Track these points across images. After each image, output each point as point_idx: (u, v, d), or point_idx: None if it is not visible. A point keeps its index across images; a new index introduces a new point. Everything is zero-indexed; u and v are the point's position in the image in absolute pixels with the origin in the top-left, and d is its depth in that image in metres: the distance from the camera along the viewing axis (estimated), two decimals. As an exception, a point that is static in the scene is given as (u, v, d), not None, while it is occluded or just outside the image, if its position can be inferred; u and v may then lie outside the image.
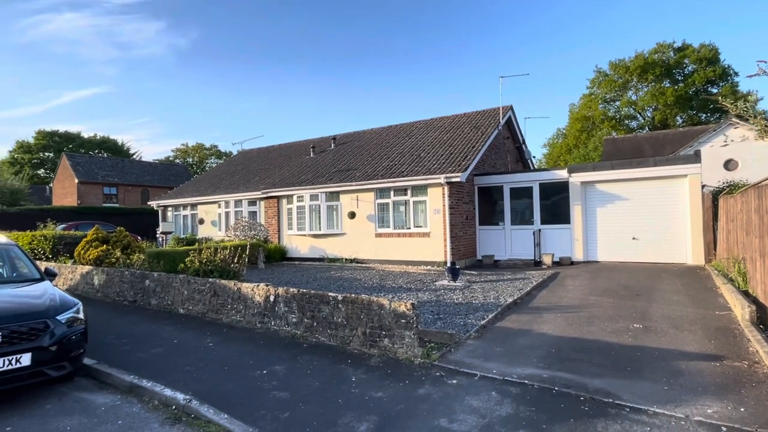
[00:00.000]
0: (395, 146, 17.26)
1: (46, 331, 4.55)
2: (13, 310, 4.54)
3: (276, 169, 19.75)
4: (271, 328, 6.65)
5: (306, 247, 16.41)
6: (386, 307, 5.50)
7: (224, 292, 7.36)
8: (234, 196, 18.57)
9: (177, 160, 72.00)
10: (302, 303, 6.32)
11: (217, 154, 75.94)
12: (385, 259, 14.53)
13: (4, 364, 4.17)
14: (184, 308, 7.97)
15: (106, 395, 4.75)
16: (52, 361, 4.53)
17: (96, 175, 38.47)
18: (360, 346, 5.70)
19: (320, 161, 18.68)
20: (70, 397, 4.70)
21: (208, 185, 21.42)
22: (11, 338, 4.27)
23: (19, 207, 27.04)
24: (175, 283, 8.13)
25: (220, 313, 7.38)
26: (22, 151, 61.58)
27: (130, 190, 39.85)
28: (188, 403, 4.28)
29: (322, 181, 16.06)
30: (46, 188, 47.89)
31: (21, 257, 5.97)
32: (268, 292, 6.73)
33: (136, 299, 8.91)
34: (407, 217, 14.36)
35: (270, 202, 17.48)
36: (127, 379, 4.91)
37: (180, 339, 6.50)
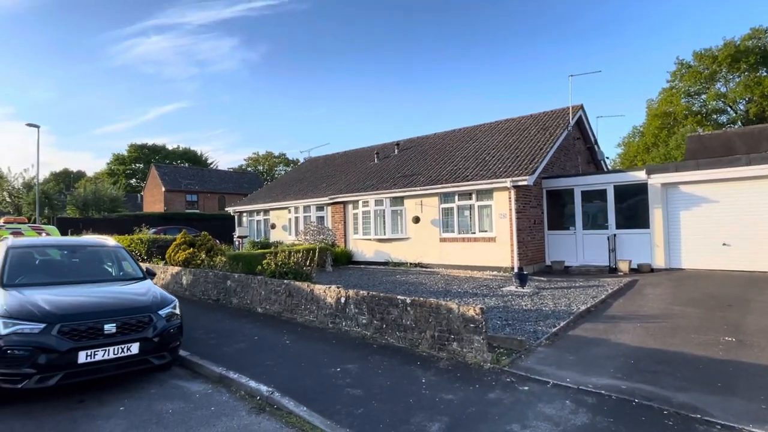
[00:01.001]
0: (459, 150, 17.18)
1: (150, 324, 5.12)
2: (124, 304, 5.18)
3: (342, 176, 20.41)
4: (342, 328, 6.94)
5: (371, 251, 16.79)
6: (455, 311, 5.56)
7: (298, 293, 7.79)
8: (303, 201, 19.44)
9: (249, 168, 76.40)
10: (371, 305, 6.54)
11: (285, 162, 79.57)
12: (449, 264, 14.49)
13: (118, 352, 4.77)
14: (261, 307, 8.53)
15: (199, 384, 5.25)
16: (154, 350, 5.09)
17: (180, 184, 41.94)
18: (428, 349, 5.80)
19: (384, 167, 19.04)
20: (169, 384, 5.25)
21: (279, 192, 22.59)
22: (123, 329, 4.87)
23: (117, 213, 30.20)
24: (254, 283, 8.73)
25: (295, 313, 7.82)
26: (118, 163, 68.54)
27: (208, 197, 42.99)
28: (271, 395, 4.62)
29: (386, 187, 16.37)
30: (137, 196, 52.90)
31: (127, 258, 6.75)
32: (339, 294, 7.04)
33: (219, 298, 9.67)
34: (472, 221, 14.23)
35: (336, 207, 18.10)
36: (216, 371, 5.39)
37: (260, 336, 6.98)
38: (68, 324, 4.57)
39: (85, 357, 4.56)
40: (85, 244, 6.91)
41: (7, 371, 4.29)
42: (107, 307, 5.03)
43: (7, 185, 31.33)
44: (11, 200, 30.88)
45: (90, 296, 5.25)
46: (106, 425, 4.15)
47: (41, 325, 4.48)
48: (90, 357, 4.59)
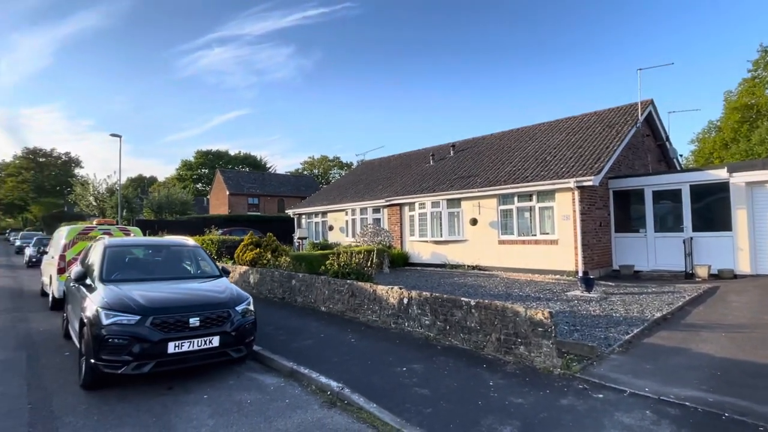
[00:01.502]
0: (517, 150, 16.77)
1: (228, 319, 5.47)
2: (205, 300, 5.56)
3: (397, 178, 20.57)
4: (405, 328, 7.02)
5: (428, 253, 16.78)
6: (521, 315, 5.46)
7: (361, 293, 7.97)
8: (359, 204, 19.80)
9: (305, 171, 78.86)
10: (435, 306, 6.57)
11: (339, 165, 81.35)
12: (508, 267, 14.18)
13: (202, 344, 5.14)
14: (325, 306, 8.81)
15: (272, 377, 5.53)
16: (232, 344, 5.43)
17: (242, 188, 44.13)
18: (494, 352, 5.73)
19: (440, 168, 18.97)
20: (245, 376, 5.58)
21: (336, 194, 23.15)
22: (205, 323, 5.24)
23: (187, 215, 32.32)
24: (318, 283, 9.04)
25: (357, 312, 8.01)
26: (186, 169, 73.21)
27: (268, 200, 44.86)
28: (341, 390, 4.78)
29: (442, 189, 16.31)
30: (204, 200, 56.22)
31: (204, 257, 7.24)
32: (401, 294, 7.13)
33: (284, 296, 10.09)
34: (532, 223, 13.84)
35: (392, 209, 18.26)
36: (287, 365, 5.65)
37: (325, 333, 7.22)
38: (159, 317, 4.99)
39: (174, 347, 4.96)
40: (168, 244, 7.49)
41: (109, 358, 4.76)
42: (191, 302, 5.43)
43: (94, 190, 34.55)
44: (96, 204, 34.02)
45: (176, 292, 5.69)
46: (193, 411, 4.48)
47: (137, 317, 4.93)
48: (177, 348, 4.98)
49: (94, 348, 4.80)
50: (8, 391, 5.02)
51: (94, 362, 4.80)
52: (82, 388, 5.05)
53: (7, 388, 5.15)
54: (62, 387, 5.16)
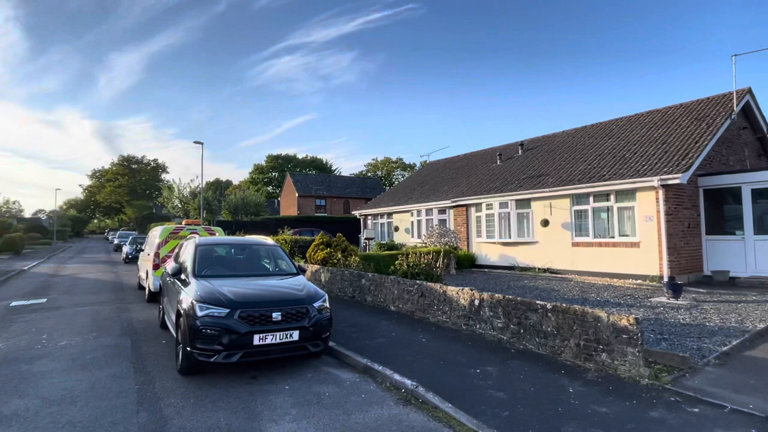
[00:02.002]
0: (592, 148, 15.91)
1: (307, 314, 5.74)
2: (286, 296, 5.88)
3: (463, 178, 20.31)
4: (477, 330, 6.95)
5: (495, 254, 16.41)
6: (603, 320, 5.20)
7: (430, 293, 8.00)
8: (425, 205, 19.80)
9: (368, 173, 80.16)
10: (508, 309, 6.44)
11: (402, 166, 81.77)
12: (583, 270, 13.49)
13: (283, 337, 5.45)
14: (394, 306, 8.94)
15: (347, 373, 5.72)
16: (310, 339, 5.69)
17: (310, 189, 45.84)
18: (573, 358, 5.51)
19: (508, 168, 18.47)
20: (321, 370, 5.82)
21: (401, 195, 23.34)
22: (286, 318, 5.54)
23: (260, 217, 34.17)
24: (387, 283, 9.19)
25: (427, 313, 8.04)
26: (258, 172, 77.31)
27: (335, 201, 46.19)
28: (415, 388, 4.85)
29: (511, 189, 15.87)
30: (274, 201, 59.07)
31: (282, 256, 7.65)
32: (472, 296, 7.06)
33: (354, 295, 10.37)
34: (610, 224, 13.05)
35: (459, 210, 18.07)
36: (362, 362, 5.81)
37: (396, 332, 7.34)
38: (246, 310, 5.36)
39: (258, 339, 5.30)
40: (249, 243, 8.00)
41: (203, 347, 5.19)
42: (273, 298, 5.77)
43: (179, 193, 37.65)
44: (181, 206, 37.04)
45: (259, 288, 6.06)
46: (277, 400, 4.77)
47: (226, 310, 5.33)
48: (262, 340, 5.32)
49: (189, 337, 5.26)
50: (119, 373, 5.64)
51: (189, 350, 5.26)
52: (179, 373, 5.55)
53: (118, 370, 5.78)
54: (162, 372, 5.70)
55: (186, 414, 4.37)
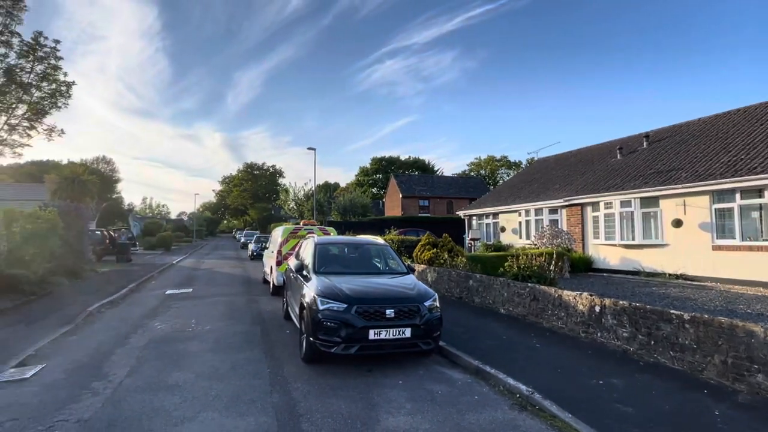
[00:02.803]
0: (737, 136, 13.75)
1: (418, 313, 5.87)
2: (398, 294, 6.10)
3: (577, 176, 18.95)
4: (597, 339, 6.47)
5: (616, 257, 15.03)
6: (758, 335, 4.51)
7: (544, 297, 7.64)
8: (534, 204, 18.88)
9: (471, 172, 78.69)
10: (635, 318, 5.89)
11: (506, 165, 78.84)
12: (726, 278, 11.73)
13: (396, 334, 5.65)
14: (504, 308, 8.70)
15: (458, 373, 5.73)
16: (422, 337, 5.81)
17: (413, 190, 46.46)
18: (718, 377, 4.86)
19: (630, 163, 16.79)
20: (432, 369, 5.91)
21: (507, 195, 22.54)
22: (399, 315, 5.74)
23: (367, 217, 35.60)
24: (496, 284, 8.98)
25: (540, 317, 7.69)
26: (363, 175, 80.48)
27: (437, 202, 46.21)
28: (531, 395, 4.69)
29: (634, 186, 14.40)
30: (379, 202, 60.99)
31: (393, 255, 7.92)
32: (592, 302, 6.59)
33: (461, 296, 10.32)
34: (765, 225, 11.16)
35: (572, 209, 16.90)
36: (473, 363, 5.78)
37: (507, 336, 7.15)
38: (362, 306, 5.67)
39: (373, 334, 5.57)
40: (362, 242, 8.42)
41: (324, 337, 5.61)
42: (386, 295, 6.02)
43: (294, 196, 40.95)
44: (297, 208, 40.21)
45: (373, 285, 6.36)
46: (391, 393, 4.97)
47: (344, 305, 5.69)
48: (376, 335, 5.58)
49: (312, 328, 5.72)
50: (253, 357, 6.35)
51: (312, 340, 5.72)
52: (303, 361, 6.06)
53: (252, 354, 6.51)
54: (288, 358, 6.28)
55: (311, 398, 4.78)
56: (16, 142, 10.63)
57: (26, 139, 10.76)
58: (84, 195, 20.31)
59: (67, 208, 14.68)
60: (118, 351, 6.59)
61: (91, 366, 5.87)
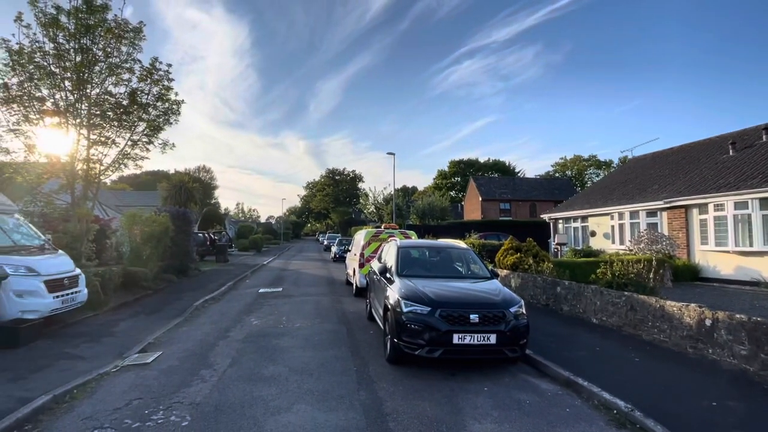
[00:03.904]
0: None
1: (503, 319, 5.73)
2: (482, 299, 6.01)
3: (680, 174, 17.20)
4: (708, 356, 5.83)
5: (729, 266, 13.39)
6: None
7: (643, 307, 7.05)
8: (628, 207, 17.46)
9: (556, 173, 74.69)
10: (756, 334, 5.23)
11: (596, 164, 73.81)
12: None
13: (480, 339, 5.57)
14: (596, 318, 8.17)
15: (547, 383, 5.49)
16: (507, 343, 5.66)
17: (494, 193, 45.23)
18: None
19: (745, 159, 14.88)
20: (519, 377, 5.73)
21: (598, 197, 21.09)
22: (484, 320, 5.65)
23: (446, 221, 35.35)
24: (587, 292, 8.46)
25: (639, 329, 7.11)
26: (441, 178, 79.98)
27: (520, 205, 44.51)
28: (630, 411, 4.36)
29: (752, 185, 12.75)
30: (458, 206, 60.21)
31: (476, 260, 7.82)
32: (702, 314, 5.96)
33: (548, 303, 9.86)
34: None
35: (675, 212, 15.36)
36: (563, 374, 5.51)
37: (600, 347, 6.71)
38: (446, 310, 5.67)
39: (457, 339, 5.54)
40: (444, 246, 8.42)
41: (408, 339, 5.70)
42: (470, 300, 5.97)
43: (374, 200, 41.92)
44: (376, 211, 41.12)
45: (456, 290, 6.34)
46: (476, 399, 4.91)
47: (428, 308, 5.73)
48: (460, 339, 5.54)
49: (396, 330, 5.84)
50: (340, 355, 6.63)
51: (396, 341, 5.83)
52: (387, 361, 6.20)
53: (339, 352, 6.79)
54: (373, 358, 6.46)
55: (397, 399, 4.88)
56: (137, 156, 12.14)
57: (145, 152, 12.21)
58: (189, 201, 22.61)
59: (176, 213, 16.42)
60: (221, 343, 7.25)
61: (200, 355, 6.53)
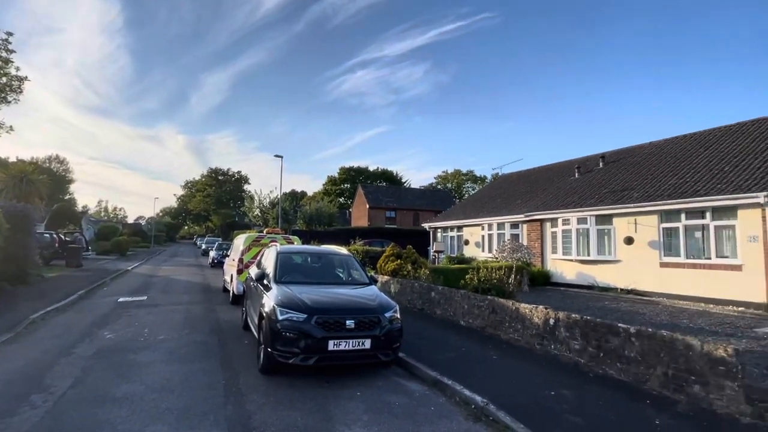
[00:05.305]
0: (683, 160, 14.66)
1: (378, 324, 5.88)
2: (359, 305, 6.10)
3: (538, 192, 19.62)
4: (551, 351, 6.68)
5: (572, 272, 15.60)
6: (696, 348, 4.80)
7: (502, 310, 7.83)
8: (496, 218, 19.37)
9: (438, 185, 79.87)
10: (586, 330, 6.14)
11: (473, 179, 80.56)
12: (672, 294, 12.41)
13: (356, 345, 5.64)
14: (464, 320, 8.85)
15: (417, 384, 5.76)
16: (381, 348, 5.82)
17: (381, 201, 46.65)
18: (659, 388, 5.12)
19: (587, 182, 17.56)
20: (391, 380, 5.92)
21: (472, 209, 23.02)
22: (359, 326, 5.73)
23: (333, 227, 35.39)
24: (457, 297, 9.13)
25: (498, 330, 7.87)
26: (331, 184, 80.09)
27: (404, 213, 46.56)
28: (486, 405, 4.78)
29: (590, 204, 15.07)
30: (346, 212, 60.79)
31: (356, 266, 7.92)
32: (547, 314, 6.82)
33: (423, 308, 10.41)
34: (706, 244, 11.91)
35: (533, 225, 17.45)
36: (431, 374, 5.83)
37: (466, 348, 7.26)
38: (322, 317, 5.63)
39: (333, 345, 5.53)
40: (325, 252, 8.38)
41: (282, 348, 5.53)
42: (347, 306, 6.01)
43: (259, 203, 40.29)
44: (261, 215, 39.54)
45: (334, 296, 6.34)
46: (349, 405, 4.94)
47: (304, 315, 5.63)
48: (336, 346, 5.54)
49: (270, 339, 5.63)
50: (208, 368, 6.16)
51: (270, 351, 5.62)
52: (261, 372, 5.93)
53: (207, 365, 6.32)
54: (245, 369, 6.14)
55: (267, 410, 4.68)
56: (-41, 137, 9.96)
57: (-30, 134, 10.06)
58: (32, 195, 19.24)
59: (12, 209, 13.84)
60: (62, 361, 6.25)
61: (32, 377, 5.54)
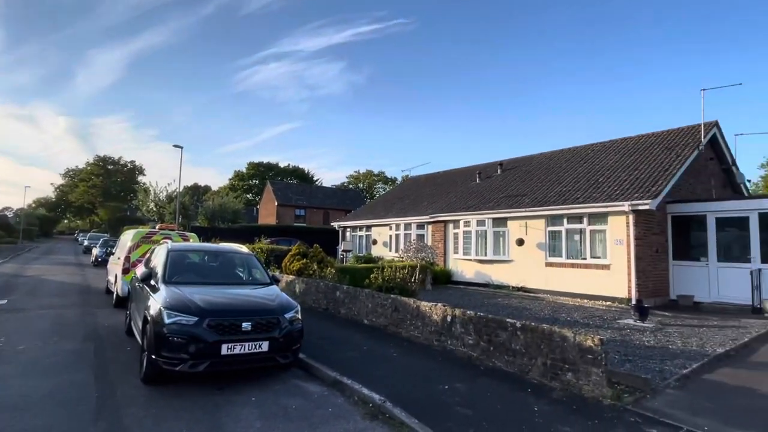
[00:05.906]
0: (568, 171, 16.35)
1: (278, 325, 5.66)
2: (257, 306, 5.82)
3: (443, 195, 20.55)
4: (448, 347, 6.99)
5: (471, 271, 16.57)
6: (569, 340, 5.32)
7: (404, 308, 8.02)
8: (404, 219, 19.92)
9: (350, 185, 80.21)
10: (479, 326, 6.51)
11: (383, 180, 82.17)
12: (555, 290, 13.74)
13: (252, 348, 5.37)
14: (368, 319, 8.92)
15: (316, 385, 5.66)
16: (280, 350, 5.61)
17: (290, 199, 45.55)
18: (539, 377, 5.60)
19: (487, 187, 18.79)
20: (290, 383, 5.74)
21: (381, 209, 23.42)
22: (257, 328, 5.47)
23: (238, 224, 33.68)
24: (362, 296, 9.18)
25: (400, 327, 8.05)
26: (238, 179, 76.42)
27: (314, 212, 45.99)
28: (383, 403, 4.83)
29: (489, 207, 16.13)
30: (254, 209, 58.38)
31: (257, 265, 7.56)
32: (445, 312, 7.12)
33: (328, 307, 10.31)
34: (583, 246, 13.39)
35: (437, 226, 18.23)
36: (331, 375, 5.77)
37: (368, 346, 7.31)
38: (215, 319, 5.27)
39: (227, 349, 5.21)
40: (224, 251, 7.90)
41: (168, 355, 5.07)
42: (244, 307, 5.71)
43: (155, 197, 36.93)
44: (156, 210, 36.30)
45: (230, 297, 5.99)
46: (242, 411, 4.68)
47: (195, 318, 5.23)
48: (230, 350, 5.23)
49: (155, 344, 5.14)
50: (78, 380, 5.46)
51: (154, 358, 5.13)
52: (143, 381, 5.40)
53: (77, 376, 5.59)
54: (125, 379, 5.54)
55: (147, 424, 4.26)
56: None
57: None
58: None
59: None
60: None
61: None
